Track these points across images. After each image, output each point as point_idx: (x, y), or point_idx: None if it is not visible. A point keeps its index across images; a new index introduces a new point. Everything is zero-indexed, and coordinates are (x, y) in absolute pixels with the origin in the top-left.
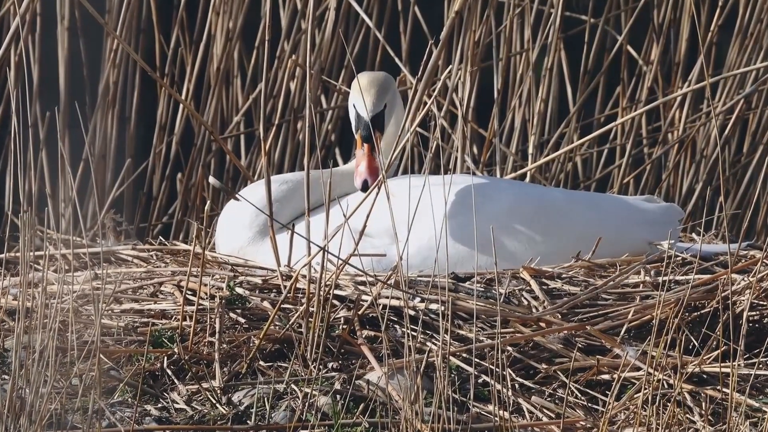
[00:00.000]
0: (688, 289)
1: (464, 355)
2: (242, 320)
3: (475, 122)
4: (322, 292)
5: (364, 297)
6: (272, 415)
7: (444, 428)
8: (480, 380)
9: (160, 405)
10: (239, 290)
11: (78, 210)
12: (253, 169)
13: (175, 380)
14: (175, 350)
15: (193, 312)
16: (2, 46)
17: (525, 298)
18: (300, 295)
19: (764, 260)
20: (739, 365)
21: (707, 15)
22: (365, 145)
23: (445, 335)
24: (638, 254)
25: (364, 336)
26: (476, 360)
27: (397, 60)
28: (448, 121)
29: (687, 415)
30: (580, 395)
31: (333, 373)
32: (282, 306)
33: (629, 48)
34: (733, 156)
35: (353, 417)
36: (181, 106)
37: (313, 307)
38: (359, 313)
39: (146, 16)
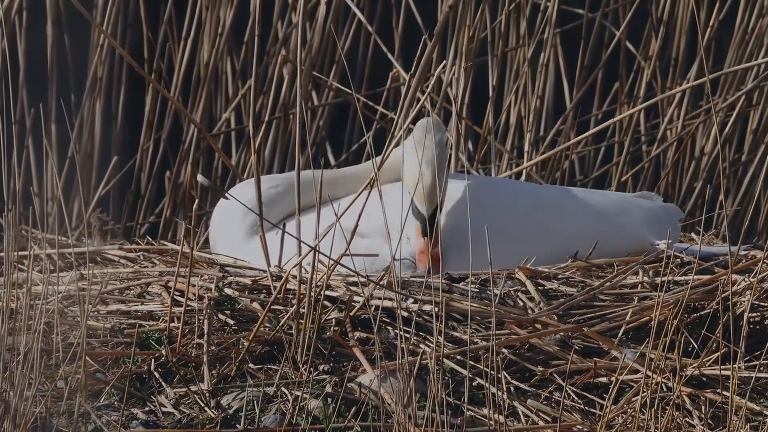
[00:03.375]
0: (688, 290)
1: (458, 357)
2: (231, 322)
3: (470, 119)
4: (312, 293)
5: (356, 298)
6: (262, 418)
7: None
8: (474, 383)
9: (147, 408)
10: (228, 291)
11: (63, 209)
12: (243, 167)
13: (163, 383)
14: (163, 352)
15: (181, 313)
16: None
17: (520, 299)
18: (290, 296)
19: (765, 260)
20: (739, 368)
21: (707, 10)
22: (424, 238)
23: (439, 337)
24: (637, 252)
25: (356, 338)
26: (471, 362)
27: (389, 55)
28: (443, 118)
29: (686, 419)
30: (576, 398)
31: (324, 376)
32: (272, 307)
33: (627, 43)
34: (733, 154)
35: (345, 421)
36: (169, 102)
37: (303, 308)
38: (351, 314)
39: (134, 10)
